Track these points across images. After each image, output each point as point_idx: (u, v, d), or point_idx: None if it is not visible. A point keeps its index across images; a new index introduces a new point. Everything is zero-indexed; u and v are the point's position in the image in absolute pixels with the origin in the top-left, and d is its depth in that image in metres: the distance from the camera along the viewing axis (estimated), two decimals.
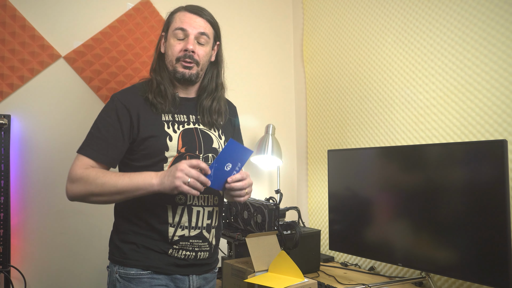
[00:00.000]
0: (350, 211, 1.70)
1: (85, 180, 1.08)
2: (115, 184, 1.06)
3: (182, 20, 1.18)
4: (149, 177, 1.07)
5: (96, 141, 1.14)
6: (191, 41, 1.17)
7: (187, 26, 1.18)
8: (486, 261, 1.25)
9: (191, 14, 1.20)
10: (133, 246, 1.15)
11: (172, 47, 1.19)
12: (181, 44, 1.18)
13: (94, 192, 1.08)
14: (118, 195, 1.08)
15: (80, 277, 1.67)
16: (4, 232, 1.50)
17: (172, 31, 1.19)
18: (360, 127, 2.00)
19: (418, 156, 1.47)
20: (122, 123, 1.14)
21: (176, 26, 1.18)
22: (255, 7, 2.34)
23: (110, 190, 1.07)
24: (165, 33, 1.23)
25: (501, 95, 1.44)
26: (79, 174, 1.09)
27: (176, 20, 1.20)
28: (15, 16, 1.58)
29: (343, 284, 1.58)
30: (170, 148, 1.16)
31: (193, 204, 1.18)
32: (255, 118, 2.29)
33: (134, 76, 1.85)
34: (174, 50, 1.18)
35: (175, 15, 1.21)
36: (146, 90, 1.21)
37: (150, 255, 1.14)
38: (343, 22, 2.12)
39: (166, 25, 1.24)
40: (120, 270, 1.15)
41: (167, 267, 1.15)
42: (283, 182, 2.36)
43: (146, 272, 1.13)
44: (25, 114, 1.61)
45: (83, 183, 1.08)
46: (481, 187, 1.27)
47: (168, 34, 1.21)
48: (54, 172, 1.65)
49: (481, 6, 1.50)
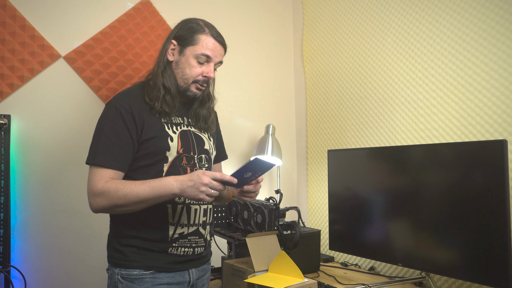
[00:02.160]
0: (350, 211, 1.70)
1: (106, 194, 1.09)
2: (137, 194, 1.07)
3: (208, 47, 1.21)
4: (169, 185, 1.08)
5: (110, 150, 1.13)
6: (212, 69, 1.24)
7: (212, 55, 1.22)
8: (486, 261, 1.25)
9: (216, 42, 1.23)
10: (133, 249, 1.17)
11: (192, 68, 1.21)
12: (202, 68, 1.22)
13: (118, 204, 1.09)
14: (142, 203, 1.10)
15: (80, 277, 1.67)
16: (4, 232, 1.50)
17: (196, 54, 1.20)
18: (360, 127, 2.00)
19: (418, 156, 1.47)
20: (129, 129, 1.15)
21: (202, 51, 1.20)
22: (255, 7, 2.34)
23: (133, 200, 1.08)
24: (179, 45, 1.23)
25: (501, 95, 1.44)
26: (100, 188, 1.10)
27: (202, 44, 1.20)
28: (15, 16, 1.58)
29: (343, 284, 1.58)
30: (171, 148, 1.20)
31: (191, 202, 1.22)
32: (255, 118, 2.29)
33: (134, 76, 1.85)
34: (194, 72, 1.22)
35: (200, 37, 1.21)
36: (144, 93, 1.22)
37: (151, 256, 1.17)
38: (343, 22, 2.12)
39: (182, 39, 1.22)
40: (122, 271, 1.16)
41: (168, 265, 1.19)
42: (283, 182, 2.36)
43: (148, 272, 1.16)
44: (25, 114, 1.61)
45: (105, 197, 1.09)
46: (481, 187, 1.27)
47: (188, 52, 1.21)
48: (54, 172, 1.65)
49: (481, 6, 1.50)
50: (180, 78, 1.23)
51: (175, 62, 1.23)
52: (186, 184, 1.07)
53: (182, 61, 1.22)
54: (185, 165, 1.23)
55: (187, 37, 1.21)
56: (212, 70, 1.24)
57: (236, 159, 2.20)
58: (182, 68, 1.22)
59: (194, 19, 1.26)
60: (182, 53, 1.22)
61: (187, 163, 1.23)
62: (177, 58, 1.23)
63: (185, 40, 1.21)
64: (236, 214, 1.76)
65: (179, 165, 1.22)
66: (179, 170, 1.21)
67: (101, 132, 1.15)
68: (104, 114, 1.18)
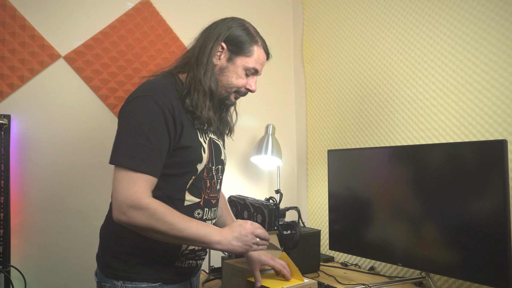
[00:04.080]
0: (350, 211, 1.70)
1: (152, 213, 0.96)
2: (182, 229, 0.98)
3: (259, 61, 1.17)
4: (214, 235, 1.01)
5: (150, 153, 0.99)
6: (255, 81, 1.19)
7: (260, 69, 1.19)
8: (486, 261, 1.25)
9: (265, 56, 1.19)
10: (140, 259, 1.09)
11: (239, 78, 1.15)
12: (246, 79, 1.17)
13: (158, 230, 0.97)
14: (179, 240, 1.01)
15: (80, 277, 1.67)
16: (4, 232, 1.50)
17: (247, 65, 1.15)
18: (360, 127, 2.00)
19: (418, 156, 1.47)
20: (170, 131, 1.03)
21: (254, 65, 1.15)
22: (255, 7, 2.34)
23: (175, 234, 0.98)
24: (230, 51, 1.14)
25: (501, 95, 1.44)
26: (145, 203, 0.96)
27: (255, 57, 1.15)
28: (15, 16, 1.58)
29: (343, 284, 1.58)
30: (203, 160, 1.12)
31: (207, 219, 1.17)
32: (255, 118, 2.29)
33: (134, 76, 1.85)
34: (240, 83, 1.16)
35: (254, 50, 1.15)
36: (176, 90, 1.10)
37: (157, 268, 1.10)
38: (343, 22, 2.12)
39: (235, 45, 1.13)
40: (128, 285, 1.07)
41: (174, 276, 1.14)
42: (283, 182, 2.36)
43: (156, 284, 1.10)
44: (25, 114, 1.61)
45: (148, 216, 0.96)
46: (481, 187, 1.27)
47: (238, 61, 1.14)
48: (54, 172, 1.65)
49: (481, 6, 1.50)
50: (223, 85, 1.15)
51: (220, 67, 1.14)
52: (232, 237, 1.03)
53: (230, 69, 1.14)
54: (205, 177, 1.15)
55: (241, 46, 1.13)
56: (256, 83, 1.19)
57: (236, 159, 2.20)
58: (228, 76, 1.14)
59: (242, 21, 1.18)
60: (232, 61, 1.14)
61: (207, 175, 1.15)
62: (224, 64, 1.14)
63: (238, 48, 1.13)
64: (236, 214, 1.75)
65: (202, 178, 1.13)
66: (201, 182, 1.13)
67: (139, 130, 0.99)
68: (140, 107, 1.01)
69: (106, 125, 1.79)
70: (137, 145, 0.98)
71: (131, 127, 1.00)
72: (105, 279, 1.09)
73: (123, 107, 1.05)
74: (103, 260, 1.11)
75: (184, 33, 2.01)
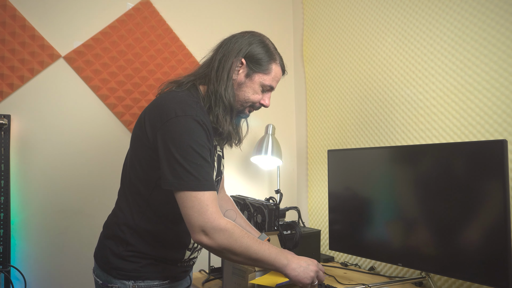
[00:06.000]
0: (350, 211, 1.70)
1: (230, 234, 0.99)
2: (257, 251, 1.03)
3: (276, 79, 1.18)
4: (285, 260, 1.08)
5: (209, 172, 1.02)
6: (270, 97, 1.20)
7: (275, 86, 1.20)
8: (486, 261, 1.25)
9: (281, 73, 1.20)
10: (151, 260, 1.12)
11: (256, 94, 1.17)
12: (261, 95, 1.18)
13: (235, 251, 1.00)
14: (252, 261, 1.04)
15: (80, 277, 1.67)
16: (4, 232, 1.50)
17: (264, 82, 1.16)
18: (360, 127, 2.00)
19: (418, 156, 1.47)
20: (211, 150, 1.07)
21: (270, 83, 1.17)
22: (255, 7, 2.34)
23: (251, 255, 1.02)
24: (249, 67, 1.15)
25: (501, 95, 1.44)
26: (224, 224, 0.99)
27: (273, 75, 1.17)
28: (15, 16, 1.58)
29: (343, 284, 1.58)
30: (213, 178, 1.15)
31: None
32: (255, 118, 2.29)
33: (134, 76, 1.85)
34: (256, 98, 1.17)
35: (273, 68, 1.16)
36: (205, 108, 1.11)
37: (166, 267, 1.16)
38: (343, 22, 2.12)
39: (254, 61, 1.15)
40: (140, 283, 1.10)
41: (179, 274, 1.21)
42: (283, 182, 2.36)
43: (166, 281, 1.15)
44: (25, 114, 1.61)
45: (227, 236, 0.99)
46: (481, 187, 1.27)
47: (257, 77, 1.15)
48: (54, 172, 1.65)
49: (481, 6, 1.50)
50: (239, 99, 1.16)
51: (238, 82, 1.15)
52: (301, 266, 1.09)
53: (248, 85, 1.15)
54: None
55: (260, 63, 1.15)
56: (269, 99, 1.20)
57: (236, 159, 2.21)
58: (245, 91, 1.15)
59: (262, 37, 1.19)
60: (250, 77, 1.15)
61: None
62: (242, 79, 1.15)
63: (257, 65, 1.15)
64: None
65: None
66: None
67: (192, 151, 0.99)
68: (185, 128, 1.00)
69: (106, 125, 1.79)
70: (197, 166, 0.99)
71: (183, 149, 0.99)
72: (113, 281, 1.10)
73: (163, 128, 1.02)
74: (111, 263, 1.11)
75: (184, 33, 2.01)
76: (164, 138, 1.01)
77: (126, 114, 1.83)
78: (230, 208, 1.42)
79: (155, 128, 1.03)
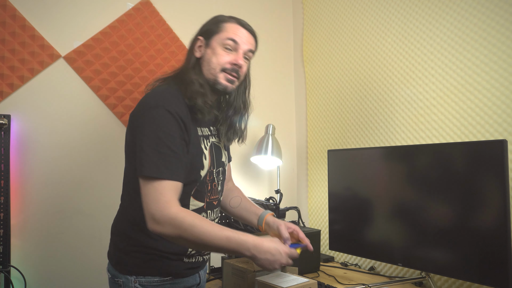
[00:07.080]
0: (350, 211, 1.70)
1: (179, 223, 0.97)
2: (212, 240, 0.99)
3: (235, 33, 1.16)
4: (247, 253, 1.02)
5: (173, 161, 1.02)
6: (241, 56, 1.16)
7: (239, 40, 1.16)
8: (486, 261, 1.25)
9: (244, 29, 1.18)
10: (153, 256, 1.13)
11: (219, 56, 1.14)
12: (230, 56, 1.15)
13: (187, 239, 0.99)
14: (209, 248, 1.04)
15: (80, 277, 1.67)
16: (4, 232, 1.50)
17: (222, 40, 1.15)
18: (360, 127, 2.00)
19: (418, 156, 1.47)
20: (184, 139, 1.07)
21: (228, 36, 1.15)
22: (255, 7, 2.34)
23: (204, 243, 0.99)
24: (206, 39, 1.18)
25: (501, 95, 1.44)
26: (174, 213, 0.97)
27: (227, 30, 1.16)
28: (15, 16, 1.58)
29: (343, 284, 1.58)
30: (205, 167, 1.15)
31: (211, 219, 1.22)
32: (255, 118, 2.29)
33: (134, 76, 1.85)
34: (221, 60, 1.14)
35: (225, 25, 1.17)
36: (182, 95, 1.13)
37: (168, 263, 1.15)
38: (343, 22, 2.12)
39: (208, 31, 1.18)
40: (141, 279, 1.12)
41: (183, 271, 1.19)
42: (283, 182, 2.36)
43: (168, 278, 1.15)
44: (25, 114, 1.61)
45: (177, 225, 0.97)
46: (481, 187, 1.27)
47: (214, 42, 1.16)
48: (54, 172, 1.65)
49: (481, 6, 1.50)
50: (207, 70, 1.15)
51: (203, 57, 1.17)
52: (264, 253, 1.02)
53: (209, 53, 1.16)
54: (207, 181, 1.18)
55: (212, 29, 1.17)
56: (241, 57, 1.16)
57: (236, 159, 2.20)
58: (208, 59, 1.15)
59: (220, 15, 1.22)
60: (209, 45, 1.16)
61: (209, 178, 1.19)
62: (204, 51, 1.17)
63: (210, 32, 1.17)
64: None
65: (205, 182, 1.17)
66: (204, 186, 1.17)
67: (158, 139, 1.01)
68: (154, 118, 1.04)
69: (106, 125, 1.79)
70: (159, 154, 1.01)
71: (149, 138, 1.02)
72: (119, 275, 1.13)
73: (137, 120, 1.07)
74: (117, 257, 1.15)
75: (184, 33, 2.01)
76: (136, 129, 1.06)
77: (126, 114, 1.83)
78: (236, 195, 1.41)
79: (134, 122, 1.10)
